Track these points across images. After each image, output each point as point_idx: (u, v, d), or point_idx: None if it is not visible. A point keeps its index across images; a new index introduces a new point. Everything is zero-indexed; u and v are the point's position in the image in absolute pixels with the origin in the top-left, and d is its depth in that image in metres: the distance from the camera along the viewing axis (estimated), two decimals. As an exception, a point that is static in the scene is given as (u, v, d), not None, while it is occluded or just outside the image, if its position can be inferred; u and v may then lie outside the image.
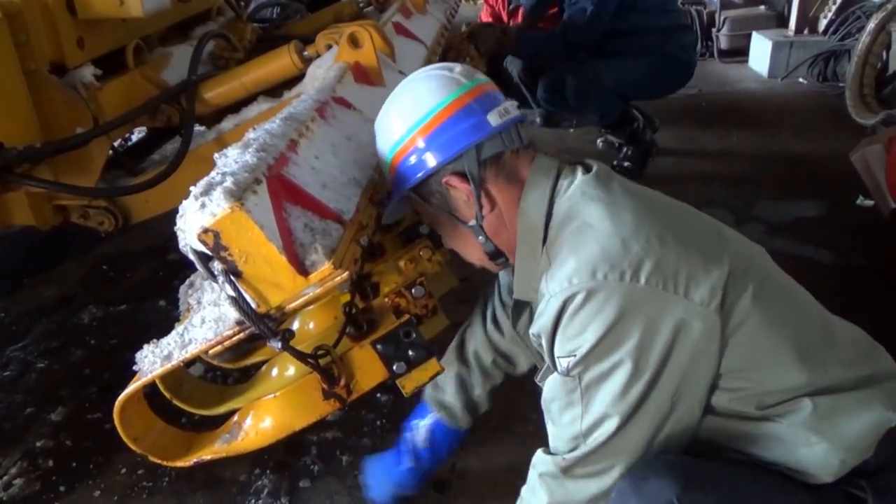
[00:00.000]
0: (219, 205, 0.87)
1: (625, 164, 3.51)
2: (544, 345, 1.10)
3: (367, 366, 1.28)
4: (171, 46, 2.11)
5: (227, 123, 1.80)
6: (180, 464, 1.36)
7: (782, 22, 5.47)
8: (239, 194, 0.88)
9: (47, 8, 1.53)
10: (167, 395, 1.37)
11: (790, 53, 5.07)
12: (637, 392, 1.01)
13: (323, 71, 1.61)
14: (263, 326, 0.99)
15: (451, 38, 2.68)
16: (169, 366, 1.11)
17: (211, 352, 1.08)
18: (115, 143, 2.00)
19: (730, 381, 1.05)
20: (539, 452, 1.18)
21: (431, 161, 1.12)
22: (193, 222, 0.89)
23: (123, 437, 1.27)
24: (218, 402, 1.45)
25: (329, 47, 1.80)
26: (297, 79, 1.81)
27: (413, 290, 1.34)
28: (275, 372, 1.44)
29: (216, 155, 1.01)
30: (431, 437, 1.56)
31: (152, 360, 1.14)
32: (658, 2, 3.20)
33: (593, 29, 3.05)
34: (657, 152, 3.64)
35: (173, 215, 0.95)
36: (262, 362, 1.54)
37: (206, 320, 1.07)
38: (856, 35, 4.39)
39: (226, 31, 2.21)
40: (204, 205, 0.88)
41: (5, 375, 2.40)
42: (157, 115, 1.83)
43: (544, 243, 1.11)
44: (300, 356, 1.15)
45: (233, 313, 0.99)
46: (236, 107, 1.87)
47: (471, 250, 1.24)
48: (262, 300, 0.97)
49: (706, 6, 5.78)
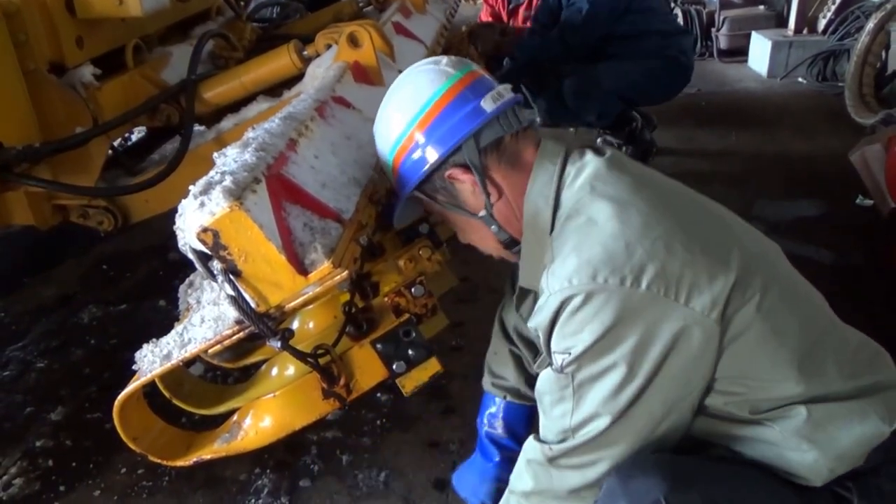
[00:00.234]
0: (218, 204, 0.87)
1: None
2: (541, 339, 1.10)
3: (366, 365, 1.28)
4: (170, 46, 2.11)
5: (227, 123, 1.81)
6: (180, 463, 1.36)
7: (781, 22, 5.47)
8: (238, 193, 0.88)
9: (46, 7, 1.54)
10: (167, 394, 1.37)
11: (789, 53, 5.08)
12: (629, 395, 1.00)
13: (322, 70, 1.61)
14: (263, 325, 0.99)
15: (451, 38, 2.68)
16: (168, 365, 1.11)
17: (210, 351, 1.08)
18: (115, 143, 2.00)
19: (725, 385, 1.04)
20: (530, 439, 1.18)
21: (432, 155, 1.11)
22: (193, 221, 0.89)
23: (123, 436, 1.27)
24: (217, 402, 1.45)
25: (328, 47, 1.80)
26: (296, 78, 1.81)
27: (413, 290, 1.34)
28: (274, 371, 1.44)
29: (215, 154, 1.01)
30: (507, 423, 1.55)
31: (152, 360, 1.14)
32: (656, 3, 3.22)
33: (590, 29, 3.06)
34: (656, 152, 3.64)
35: (173, 215, 0.95)
36: (262, 362, 1.54)
37: (205, 319, 1.07)
38: (855, 35, 4.39)
39: (225, 30, 2.21)
40: (203, 204, 0.88)
41: (5, 375, 2.40)
42: (156, 115, 1.83)
43: (551, 232, 1.09)
44: (300, 355, 1.15)
45: (232, 312, 0.99)
46: (236, 106, 1.87)
47: (486, 242, 1.22)
48: (261, 299, 0.97)
49: (705, 6, 5.79)
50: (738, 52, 5.58)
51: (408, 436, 2.00)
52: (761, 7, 5.64)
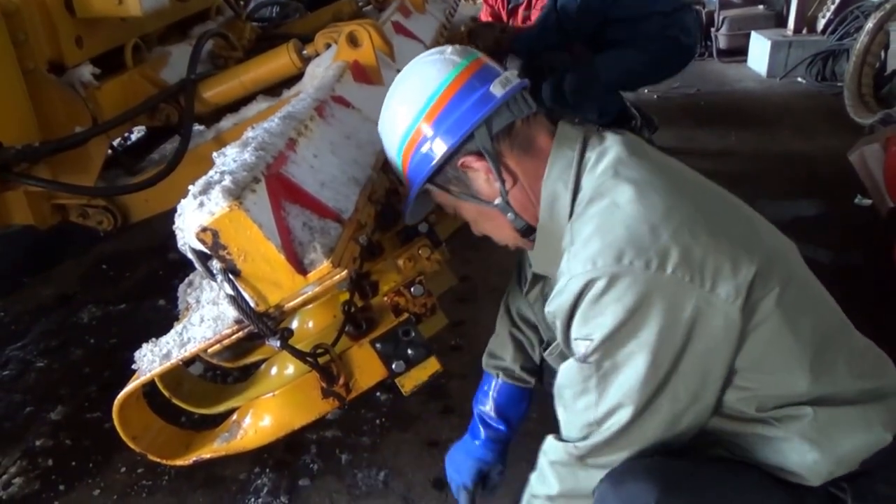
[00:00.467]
0: (217, 203, 0.87)
1: None
2: (559, 325, 1.06)
3: (366, 364, 1.28)
4: (169, 45, 2.11)
5: (226, 122, 1.81)
6: (179, 462, 1.36)
7: (781, 21, 5.48)
8: (237, 193, 0.88)
9: (46, 7, 1.53)
10: (166, 393, 1.37)
11: (789, 53, 5.08)
12: (654, 382, 0.98)
13: (322, 70, 1.61)
14: (262, 325, 0.99)
15: (451, 38, 2.68)
16: (168, 364, 1.11)
17: (210, 350, 1.08)
18: (115, 143, 2.00)
19: (741, 380, 1.03)
20: (550, 439, 1.15)
21: (443, 146, 1.08)
22: (192, 221, 0.89)
23: (122, 435, 1.27)
24: (217, 401, 1.45)
25: (328, 46, 1.80)
26: (296, 78, 1.81)
27: (412, 289, 1.34)
28: (274, 370, 1.44)
29: (215, 154, 1.00)
30: (497, 403, 1.53)
31: (151, 359, 1.14)
32: None
33: (585, 15, 3.03)
34: (656, 152, 3.64)
35: (173, 214, 0.94)
36: (261, 361, 1.55)
37: (204, 319, 1.07)
38: (854, 35, 4.39)
39: (225, 30, 2.21)
40: (202, 203, 0.88)
41: (5, 374, 2.41)
42: (155, 115, 1.83)
43: (570, 218, 1.07)
44: (299, 355, 1.16)
45: (232, 312, 0.99)
46: (235, 106, 1.87)
47: (502, 231, 1.20)
48: (260, 299, 0.97)
49: (705, 6, 5.79)
50: (738, 51, 5.59)
51: (407, 435, 2.00)
52: (761, 7, 5.65)
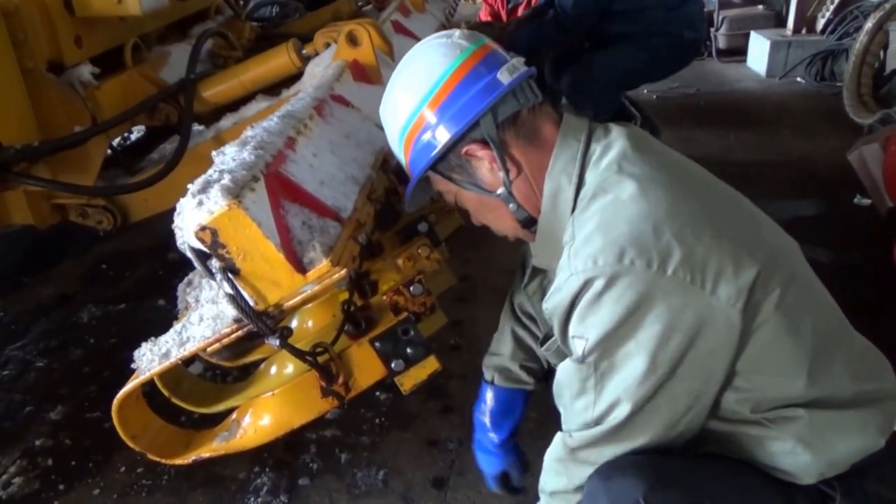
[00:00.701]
0: (216, 202, 0.87)
1: None
2: (556, 322, 1.06)
3: (365, 363, 1.28)
4: (169, 45, 2.11)
5: (226, 122, 1.81)
6: (179, 462, 1.36)
7: (780, 21, 5.48)
8: (236, 192, 0.88)
9: (45, 6, 1.54)
10: (166, 393, 1.37)
11: (788, 53, 5.08)
12: (652, 383, 0.97)
13: (321, 69, 1.61)
14: (261, 324, 0.99)
15: (450, 37, 2.68)
16: (167, 364, 1.11)
17: (209, 350, 1.08)
18: (114, 142, 2.01)
19: (740, 381, 1.02)
20: (557, 435, 1.15)
21: (447, 133, 1.06)
22: (191, 220, 0.89)
23: (122, 434, 1.27)
24: (216, 400, 1.45)
25: (327, 45, 1.80)
26: (295, 77, 1.82)
27: (411, 288, 1.34)
28: (273, 370, 1.44)
29: (214, 153, 1.00)
30: (492, 412, 1.52)
31: (150, 358, 1.13)
32: None
33: (583, 8, 2.99)
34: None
35: (172, 214, 0.94)
36: (261, 360, 1.55)
37: (204, 318, 1.07)
38: (853, 35, 4.39)
39: (224, 29, 2.21)
40: (201, 202, 0.88)
41: (5, 374, 2.41)
42: (155, 114, 1.83)
43: (573, 211, 1.06)
44: (298, 354, 1.15)
45: (231, 311, 0.99)
46: (235, 105, 1.87)
47: (503, 222, 1.18)
48: (260, 298, 0.97)
49: (704, 5, 5.78)
50: (737, 51, 5.59)
51: (406, 434, 2.00)
52: (760, 7, 5.65)
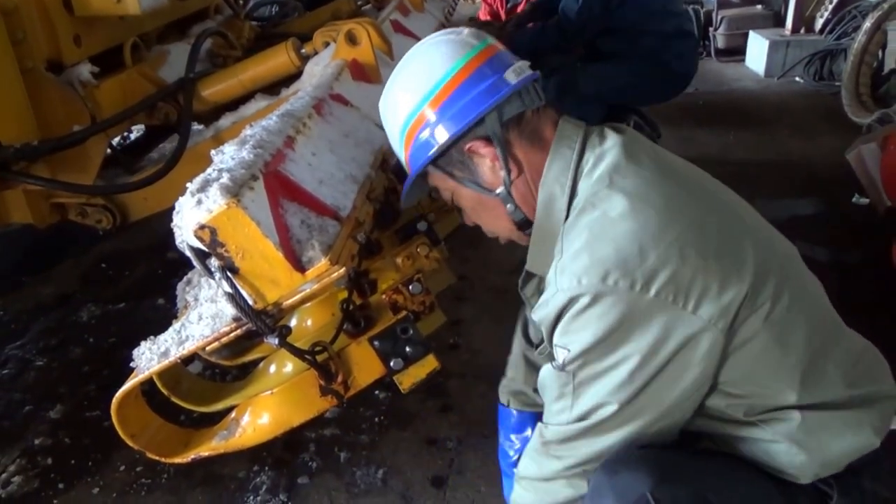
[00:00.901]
0: (215, 201, 0.87)
1: None
2: (544, 332, 1.09)
3: (364, 362, 1.29)
4: (168, 44, 2.11)
5: (225, 121, 1.81)
6: (178, 460, 1.36)
7: (779, 21, 5.48)
8: (235, 191, 0.89)
9: (44, 5, 1.54)
10: (165, 391, 1.37)
11: (787, 52, 5.08)
12: (628, 393, 1.00)
13: (320, 68, 1.61)
14: (260, 323, 0.99)
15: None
16: (166, 362, 1.11)
17: (208, 348, 1.08)
18: (113, 141, 2.01)
19: (729, 388, 1.04)
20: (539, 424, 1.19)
21: (449, 129, 1.07)
22: (190, 219, 0.90)
23: (121, 433, 1.27)
24: (216, 399, 1.45)
25: (327, 45, 1.80)
26: (294, 76, 1.82)
27: (410, 287, 1.34)
28: (272, 368, 1.45)
29: (213, 152, 1.01)
30: (514, 427, 1.55)
31: (149, 357, 1.14)
32: (658, 3, 3.10)
33: (586, 17, 2.99)
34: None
35: (171, 213, 0.95)
36: (260, 359, 1.55)
37: (203, 317, 1.07)
38: (852, 34, 4.39)
39: (224, 28, 2.21)
40: (200, 201, 0.88)
41: (4, 373, 2.41)
42: (154, 113, 1.83)
43: (565, 221, 1.07)
44: (297, 352, 1.16)
45: (230, 310, 0.99)
46: (234, 104, 1.87)
47: (498, 222, 1.18)
48: (259, 296, 0.97)
49: (703, 5, 5.79)
50: (736, 51, 5.59)
51: (406, 433, 2.01)
52: (759, 6, 5.65)
